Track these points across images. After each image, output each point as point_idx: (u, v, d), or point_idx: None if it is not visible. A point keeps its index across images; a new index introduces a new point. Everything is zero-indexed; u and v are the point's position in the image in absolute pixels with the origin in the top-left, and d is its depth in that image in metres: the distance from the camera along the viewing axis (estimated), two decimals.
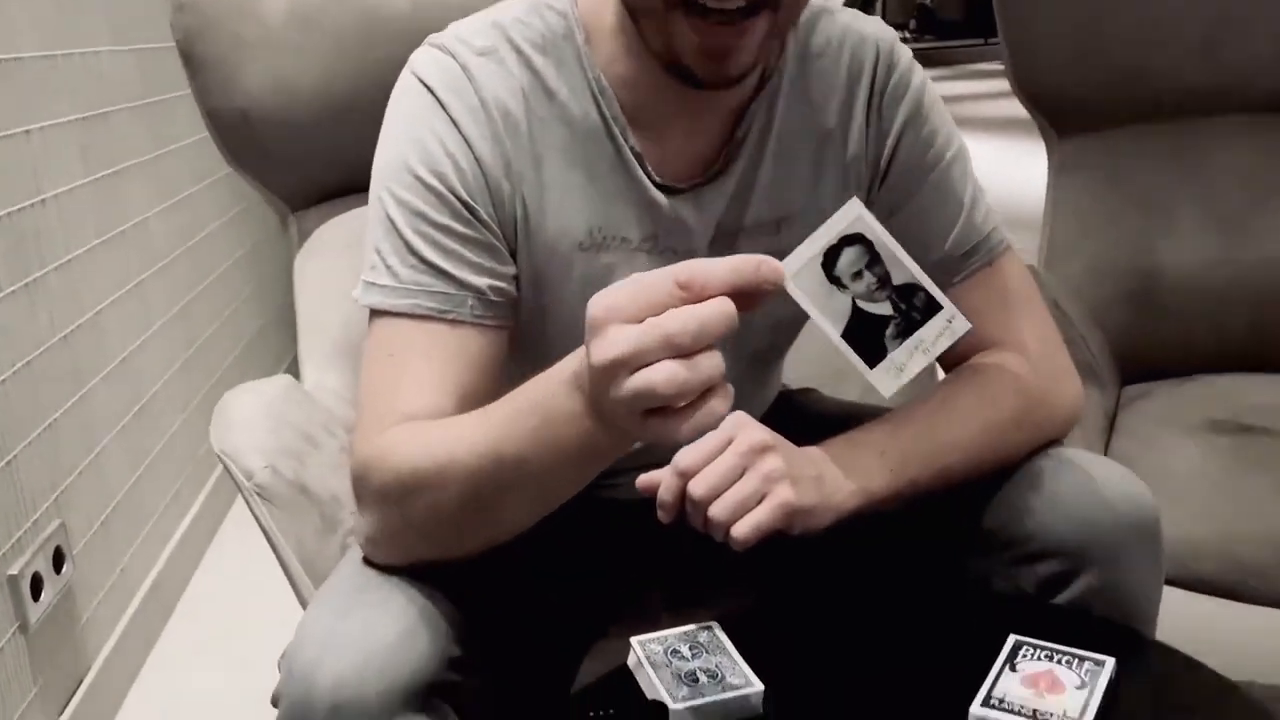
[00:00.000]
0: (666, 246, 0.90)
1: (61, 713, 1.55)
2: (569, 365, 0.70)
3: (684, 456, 0.78)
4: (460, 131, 0.85)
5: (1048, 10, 1.64)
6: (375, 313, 0.86)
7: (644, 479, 0.80)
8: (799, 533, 0.80)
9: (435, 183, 0.84)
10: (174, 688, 1.76)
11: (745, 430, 0.79)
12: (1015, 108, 1.72)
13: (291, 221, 1.41)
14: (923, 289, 0.62)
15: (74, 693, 1.59)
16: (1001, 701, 0.75)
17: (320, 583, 1.05)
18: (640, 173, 0.88)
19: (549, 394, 0.71)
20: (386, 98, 0.90)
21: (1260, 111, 1.62)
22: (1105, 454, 1.41)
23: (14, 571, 1.43)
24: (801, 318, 1.00)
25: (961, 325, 0.62)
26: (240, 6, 1.26)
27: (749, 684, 0.79)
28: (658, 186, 0.88)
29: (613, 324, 0.62)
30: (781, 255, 0.95)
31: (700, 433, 0.62)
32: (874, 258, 0.62)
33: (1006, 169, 3.40)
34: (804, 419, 0.98)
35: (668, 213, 0.89)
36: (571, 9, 0.88)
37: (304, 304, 1.39)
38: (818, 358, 1.23)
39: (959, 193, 0.94)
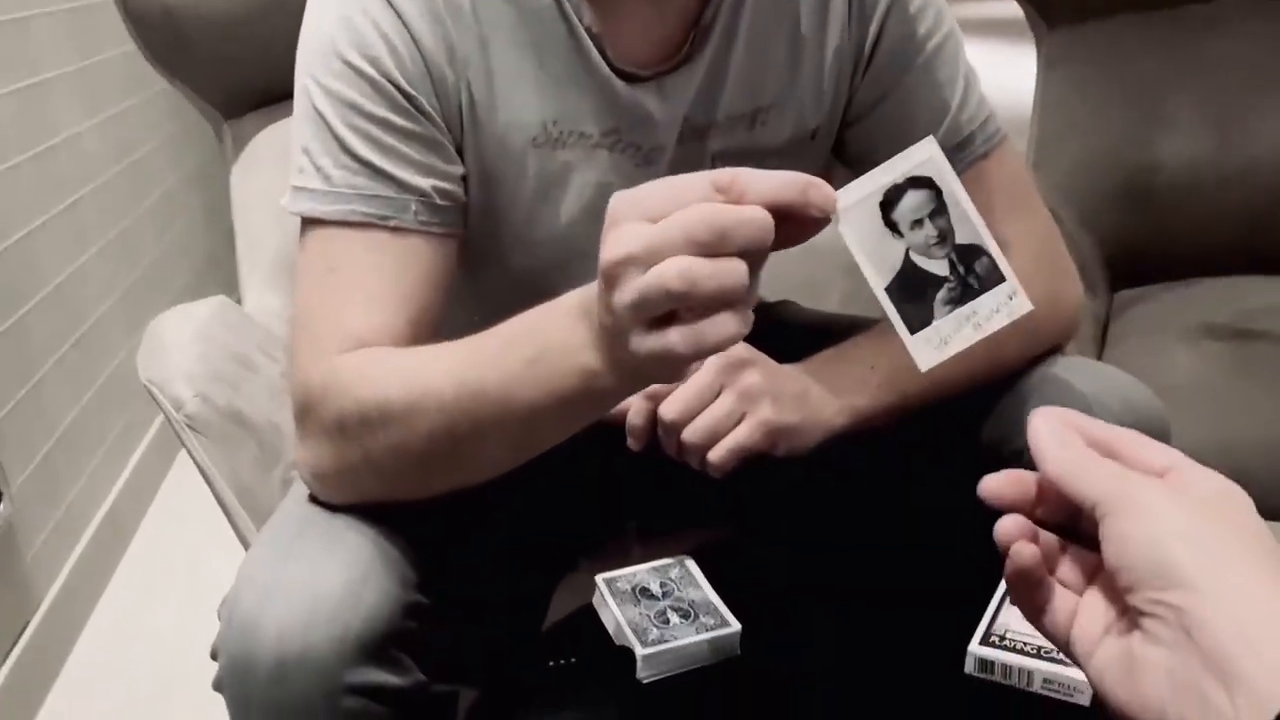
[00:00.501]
0: (630, 142, 0.81)
1: (7, 656, 1.48)
2: (575, 294, 0.62)
3: None
4: (395, 10, 0.75)
5: None
6: (309, 222, 0.77)
7: None
8: (783, 454, 0.74)
9: (369, 69, 0.75)
10: (129, 630, 1.69)
11: None
12: (1002, 8, 1.63)
13: (226, 131, 1.33)
14: (987, 254, 0.53)
15: (20, 635, 1.52)
16: (1002, 638, 0.69)
17: (262, 520, 0.98)
18: (597, 57, 0.78)
19: (548, 322, 0.62)
20: None
21: None
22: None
23: None
24: None
25: (1022, 305, 0.54)
26: None
27: (725, 624, 0.73)
28: (617, 74, 0.79)
29: (631, 220, 0.53)
30: (757, 153, 0.86)
31: (707, 353, 0.53)
32: (940, 207, 0.53)
33: (994, 69, 3.29)
34: (783, 333, 0.90)
35: (629, 104, 0.80)
36: None
37: (242, 219, 1.32)
38: (795, 268, 1.15)
39: (950, 79, 0.85)
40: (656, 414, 0.73)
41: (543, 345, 0.61)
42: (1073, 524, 0.47)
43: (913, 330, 0.54)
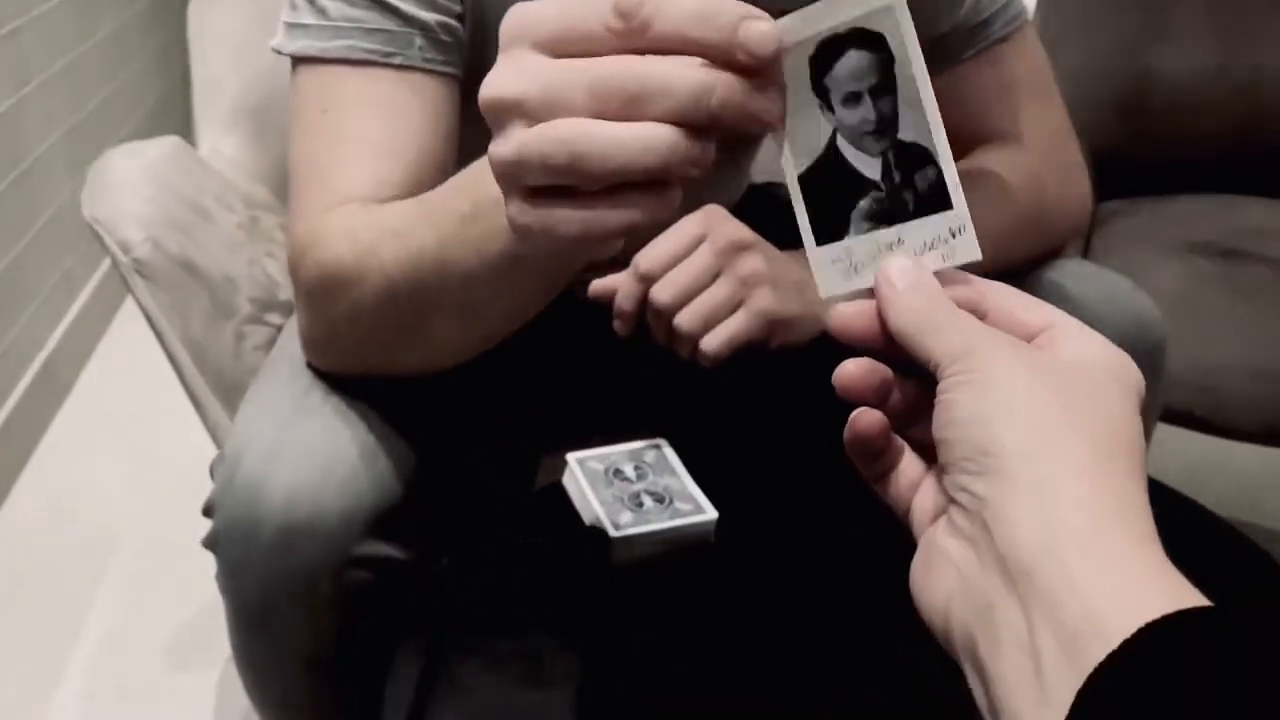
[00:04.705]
0: None
1: None
2: None
3: (646, 256, 0.67)
4: None
5: None
6: (301, 61, 0.70)
7: (597, 284, 0.69)
8: (776, 346, 0.70)
9: None
10: (66, 478, 1.64)
11: (719, 225, 0.68)
12: None
13: None
14: (936, 165, 0.39)
15: None
16: None
17: (212, 374, 0.93)
18: None
19: (481, 173, 0.55)
20: None
21: None
22: None
23: None
24: None
25: (969, 248, 0.39)
26: None
27: (700, 510, 0.70)
28: None
29: (523, 47, 0.38)
30: (776, 9, 0.80)
31: (598, 241, 0.39)
32: (886, 82, 0.38)
33: None
34: (781, 216, 0.86)
35: None
36: None
37: (199, 58, 1.24)
38: None
39: None
40: (647, 297, 0.68)
41: (478, 198, 0.54)
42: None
43: (818, 241, 0.40)
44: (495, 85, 0.38)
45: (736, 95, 0.36)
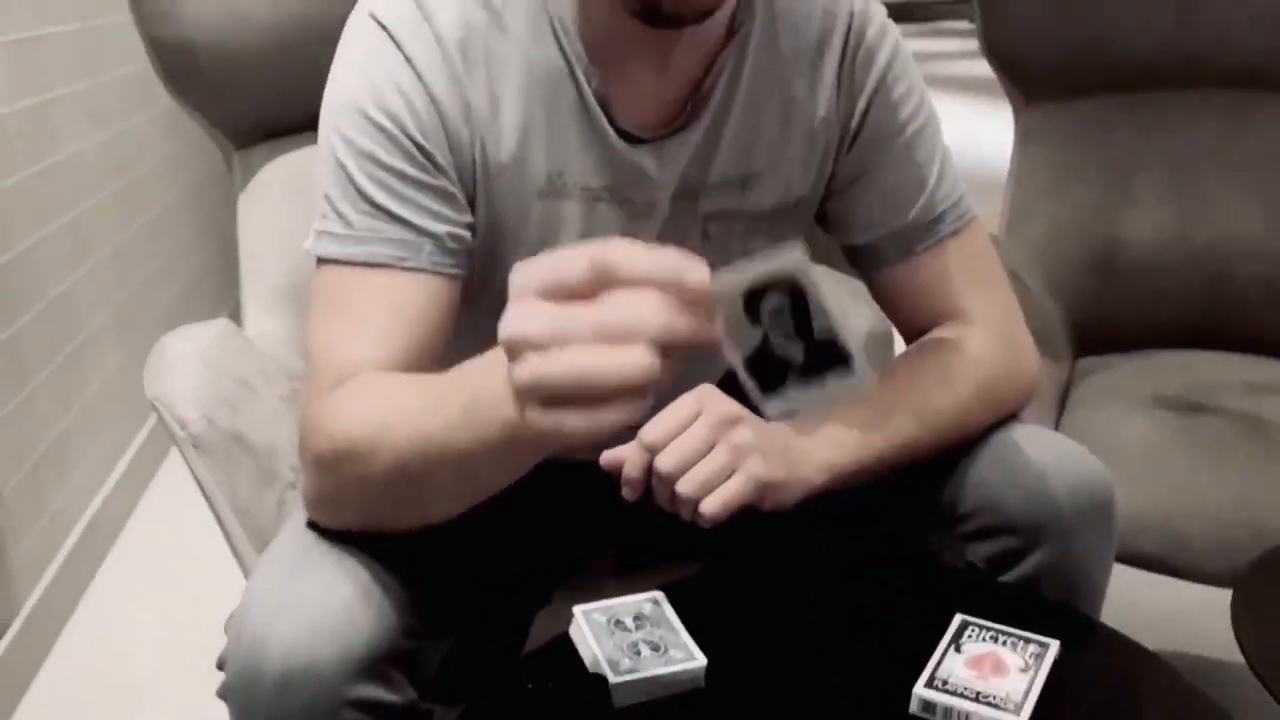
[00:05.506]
0: (626, 198, 0.87)
1: None
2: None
3: (651, 430, 0.75)
4: (415, 69, 0.80)
5: None
6: (325, 260, 0.81)
7: (608, 456, 0.77)
8: (768, 508, 0.78)
9: (387, 124, 0.80)
10: (106, 633, 1.72)
11: (713, 401, 0.76)
12: (988, 68, 1.70)
13: (236, 160, 1.37)
14: (836, 343, 0.55)
15: (2, 635, 1.55)
16: (945, 683, 0.74)
17: (256, 536, 1.02)
18: (602, 118, 0.84)
19: (481, 371, 0.64)
20: (338, 32, 0.86)
21: (1228, 86, 1.61)
22: (1057, 426, 1.41)
23: None
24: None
25: (869, 388, 0.56)
26: None
27: (691, 658, 0.77)
28: (620, 134, 0.85)
29: (529, 296, 0.53)
30: (745, 215, 0.92)
31: (601, 433, 0.53)
32: (799, 305, 0.54)
33: (976, 129, 3.39)
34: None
35: (628, 162, 0.86)
36: None
37: (247, 246, 1.35)
38: None
39: (928, 159, 0.92)
40: (652, 466, 0.76)
41: (474, 394, 0.64)
42: None
43: (764, 391, 0.56)
44: (511, 327, 0.52)
45: (687, 329, 0.50)
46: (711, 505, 0.74)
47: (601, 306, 0.51)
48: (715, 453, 0.75)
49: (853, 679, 0.79)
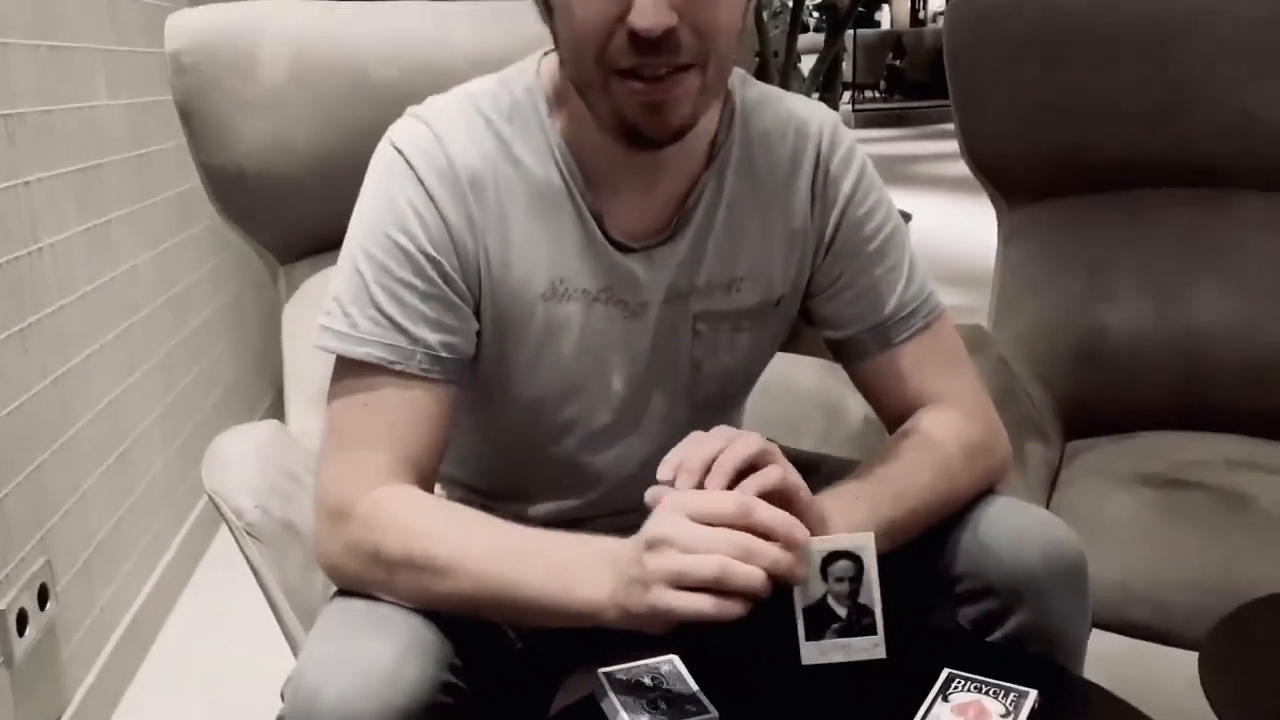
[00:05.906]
0: (621, 299, 0.98)
1: None
2: (605, 544, 0.81)
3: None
4: (428, 192, 0.92)
5: (997, 85, 1.74)
6: (342, 358, 0.93)
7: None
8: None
9: (403, 240, 0.90)
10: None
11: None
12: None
13: (281, 274, 1.47)
14: (873, 614, 0.80)
15: None
16: None
17: (305, 614, 1.10)
18: (598, 230, 0.96)
19: (579, 556, 0.82)
20: (370, 159, 0.97)
21: (1200, 185, 1.72)
22: (1048, 505, 1.49)
23: (1, 607, 1.47)
24: (754, 370, 1.08)
25: (880, 653, 0.81)
26: (239, 68, 1.33)
27: (703, 710, 0.86)
28: (614, 244, 0.96)
29: (675, 511, 0.77)
30: (731, 314, 1.02)
31: (709, 619, 0.76)
32: (857, 576, 0.80)
33: (965, 226, 3.51)
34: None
35: (622, 269, 0.97)
36: (536, 83, 0.96)
37: (291, 352, 1.45)
38: (776, 409, 1.31)
39: (898, 263, 1.03)
40: None
41: (564, 573, 0.81)
42: None
43: (807, 638, 0.80)
44: (657, 529, 0.77)
45: (788, 566, 0.77)
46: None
47: (739, 534, 0.75)
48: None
49: None
